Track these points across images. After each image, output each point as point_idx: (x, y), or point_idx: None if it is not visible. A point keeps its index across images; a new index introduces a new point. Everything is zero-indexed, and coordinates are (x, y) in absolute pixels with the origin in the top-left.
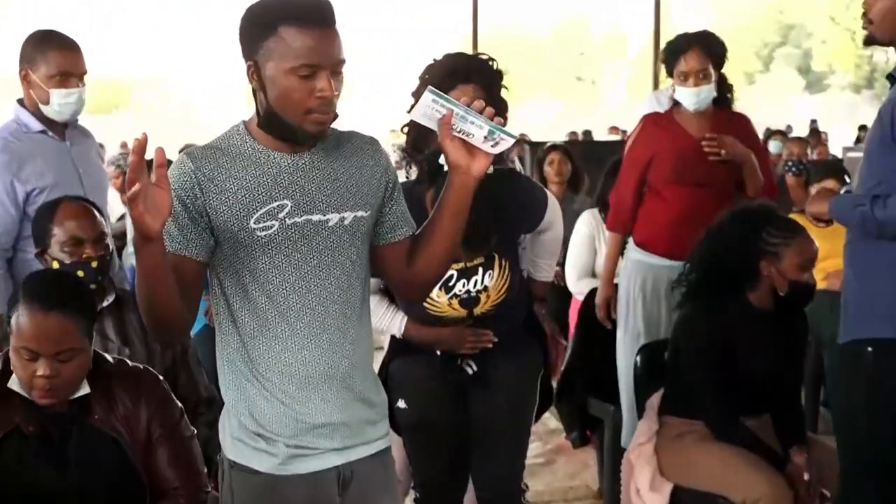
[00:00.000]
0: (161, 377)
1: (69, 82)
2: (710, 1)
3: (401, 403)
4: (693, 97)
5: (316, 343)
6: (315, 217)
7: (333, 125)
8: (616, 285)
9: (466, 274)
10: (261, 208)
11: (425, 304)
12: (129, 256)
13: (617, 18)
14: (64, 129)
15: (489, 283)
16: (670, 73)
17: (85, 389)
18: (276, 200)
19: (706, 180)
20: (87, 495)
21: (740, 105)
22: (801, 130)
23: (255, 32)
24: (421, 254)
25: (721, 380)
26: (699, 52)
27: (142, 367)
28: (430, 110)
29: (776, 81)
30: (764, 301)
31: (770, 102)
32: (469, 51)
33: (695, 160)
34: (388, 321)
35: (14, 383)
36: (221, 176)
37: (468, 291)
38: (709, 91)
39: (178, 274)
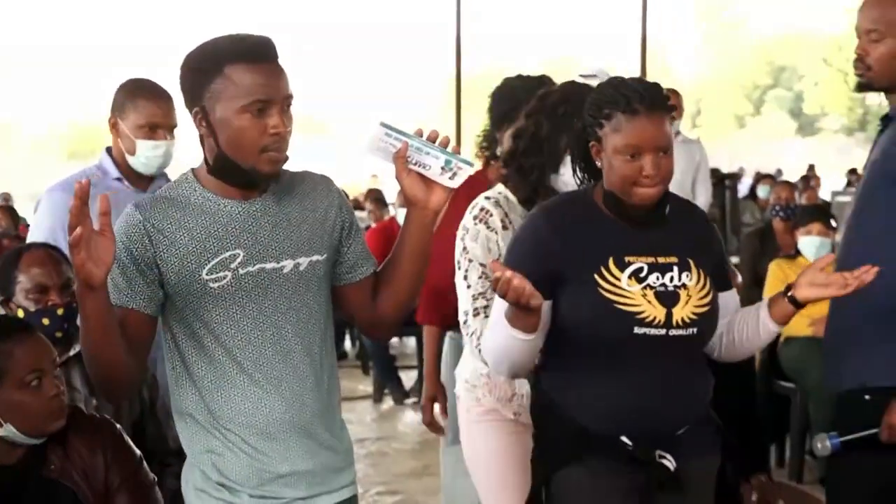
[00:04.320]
0: (118, 424)
1: (157, 134)
2: (700, 42)
3: None
4: None
5: (276, 392)
6: (269, 265)
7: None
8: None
9: (658, 268)
10: (213, 259)
11: (612, 297)
12: None
13: (605, 59)
14: (150, 182)
15: (688, 282)
16: None
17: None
18: (228, 250)
19: None
20: None
21: (731, 150)
22: (792, 174)
23: (198, 78)
24: (384, 292)
25: None
26: None
27: (97, 414)
28: (383, 144)
29: (767, 125)
30: None
31: (761, 146)
32: (453, 92)
33: None
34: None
35: None
36: (171, 227)
37: (664, 285)
38: None
39: (125, 327)
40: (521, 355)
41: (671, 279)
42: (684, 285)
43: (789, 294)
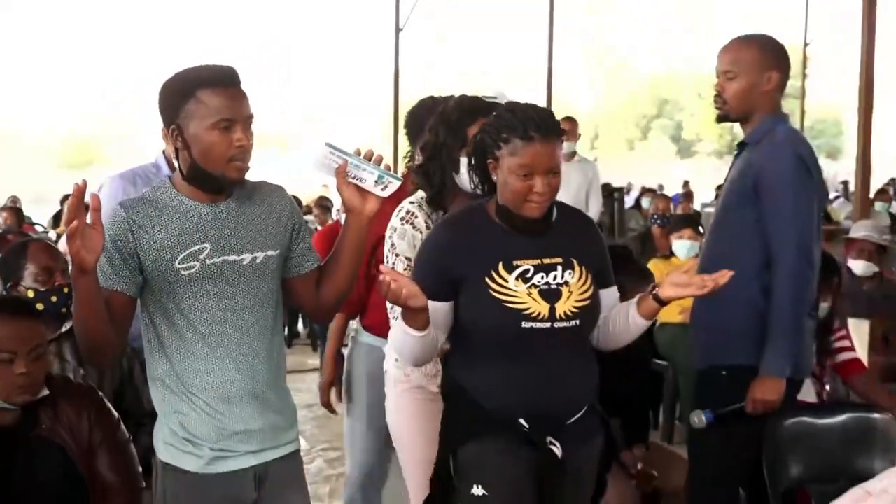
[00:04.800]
0: (100, 391)
1: None
2: (599, 78)
3: (477, 490)
4: None
5: (234, 364)
6: (231, 257)
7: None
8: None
9: (543, 269)
10: (184, 251)
11: (501, 297)
12: None
13: (518, 89)
14: None
15: (570, 279)
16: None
17: (45, 392)
18: (197, 244)
19: None
20: (34, 501)
21: (622, 168)
22: (672, 189)
23: (174, 100)
24: (326, 283)
25: None
26: None
27: (83, 382)
28: (327, 161)
29: (653, 148)
30: None
31: (647, 165)
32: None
33: None
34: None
35: None
36: (150, 223)
37: (547, 283)
38: None
39: (110, 306)
40: (418, 348)
41: (554, 277)
42: (566, 283)
43: (654, 293)
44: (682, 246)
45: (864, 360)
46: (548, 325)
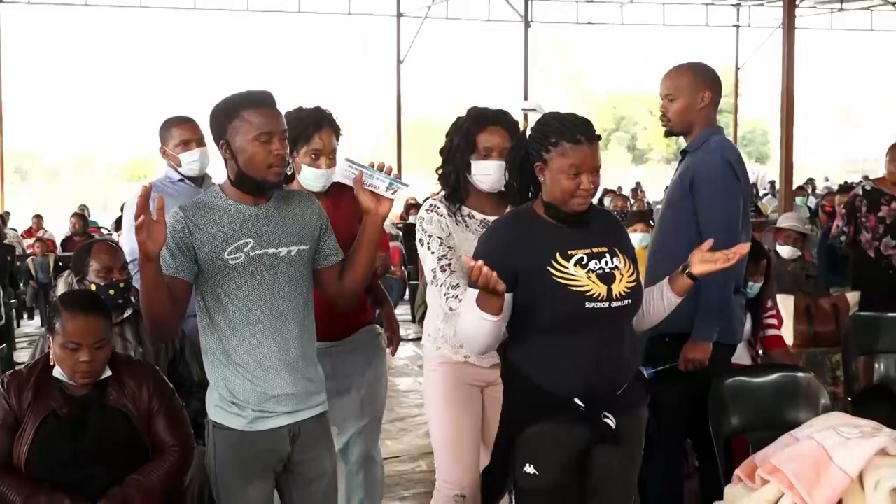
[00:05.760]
0: (156, 366)
1: (190, 146)
2: (564, 99)
3: (529, 469)
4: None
5: (273, 339)
6: (270, 250)
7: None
8: None
9: (595, 256)
10: (231, 244)
11: (565, 282)
12: None
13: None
14: (202, 181)
15: (619, 264)
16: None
17: (108, 373)
18: (242, 239)
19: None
20: (104, 459)
21: None
22: (628, 190)
23: (222, 120)
24: (348, 273)
25: None
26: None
27: (143, 360)
28: (347, 172)
29: (612, 157)
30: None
31: (607, 171)
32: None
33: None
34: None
35: (57, 372)
36: (204, 222)
37: (602, 268)
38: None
39: (171, 290)
40: (489, 335)
41: (606, 263)
42: (617, 267)
43: (686, 271)
44: (635, 238)
45: (791, 330)
46: (606, 304)
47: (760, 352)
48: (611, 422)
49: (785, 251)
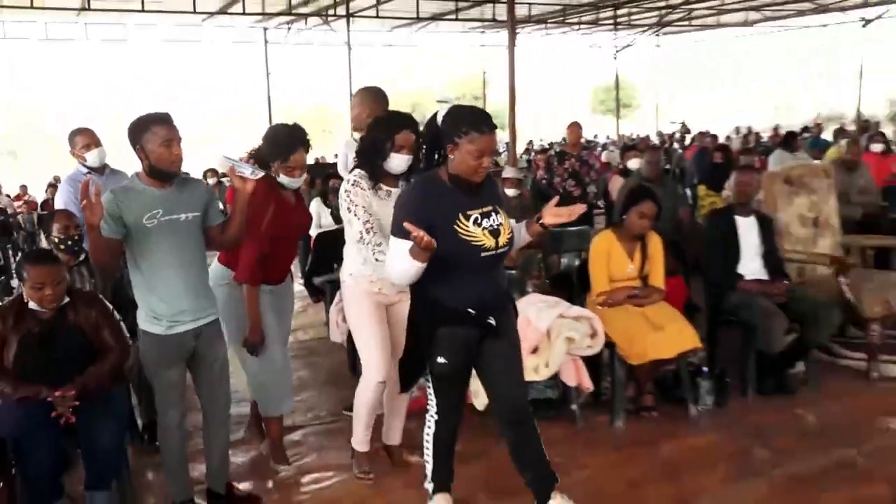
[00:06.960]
0: (104, 293)
1: (91, 148)
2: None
3: (440, 359)
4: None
5: (178, 274)
6: (174, 216)
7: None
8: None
9: (485, 215)
10: (148, 213)
11: (467, 238)
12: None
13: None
14: (103, 170)
15: (502, 220)
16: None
17: (66, 299)
18: (155, 209)
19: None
20: (67, 360)
21: None
22: None
23: (137, 132)
24: (227, 231)
25: None
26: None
27: (91, 290)
28: (224, 163)
29: None
30: None
31: None
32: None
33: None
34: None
35: (31, 305)
36: (128, 200)
37: (491, 225)
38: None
39: (108, 245)
40: (417, 274)
41: (493, 221)
42: (501, 224)
43: (540, 221)
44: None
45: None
46: (493, 252)
47: None
48: (493, 322)
49: (511, 192)
